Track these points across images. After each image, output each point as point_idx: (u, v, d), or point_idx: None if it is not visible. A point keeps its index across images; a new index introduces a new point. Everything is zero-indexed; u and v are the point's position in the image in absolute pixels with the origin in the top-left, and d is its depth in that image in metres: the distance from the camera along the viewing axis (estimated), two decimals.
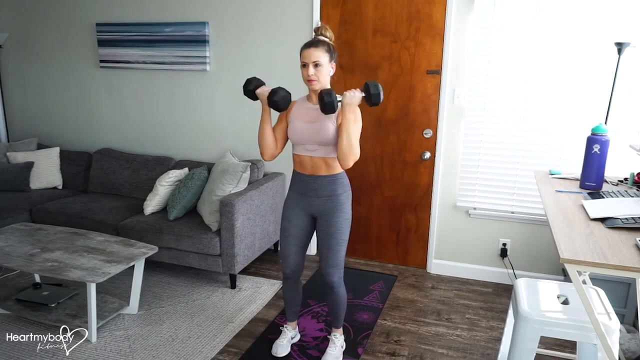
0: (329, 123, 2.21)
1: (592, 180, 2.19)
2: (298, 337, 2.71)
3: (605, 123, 2.80)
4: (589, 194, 2.09)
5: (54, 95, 4.48)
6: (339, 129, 2.17)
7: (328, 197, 2.31)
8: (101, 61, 4.17)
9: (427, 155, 3.45)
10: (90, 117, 4.39)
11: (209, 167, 3.69)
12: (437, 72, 3.33)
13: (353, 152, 2.14)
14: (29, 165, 4.10)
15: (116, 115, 4.29)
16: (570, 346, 2.63)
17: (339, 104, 2.13)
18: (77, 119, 4.44)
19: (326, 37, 2.25)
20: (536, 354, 1.86)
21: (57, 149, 4.29)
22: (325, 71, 2.20)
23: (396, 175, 3.58)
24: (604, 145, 2.15)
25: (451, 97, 3.32)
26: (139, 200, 3.85)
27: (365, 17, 3.41)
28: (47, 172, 4.17)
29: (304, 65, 2.19)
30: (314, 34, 2.28)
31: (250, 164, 3.45)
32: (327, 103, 2.08)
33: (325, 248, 2.35)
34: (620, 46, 2.72)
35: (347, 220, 2.34)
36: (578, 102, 3.04)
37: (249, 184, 3.47)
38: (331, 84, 2.31)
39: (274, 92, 2.23)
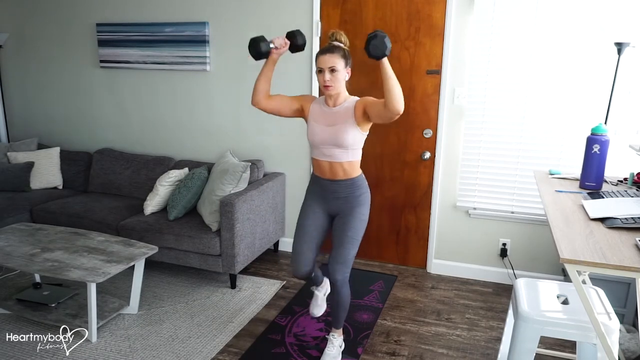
0: (346, 126, 2.25)
1: (592, 180, 2.19)
2: (328, 287, 2.68)
3: (605, 123, 2.80)
4: (588, 194, 2.09)
5: (54, 95, 4.48)
6: (382, 79, 2.07)
7: (347, 198, 2.37)
8: (101, 61, 4.17)
9: (427, 155, 3.45)
10: (90, 117, 4.39)
11: (209, 167, 3.69)
12: (437, 72, 3.33)
13: (400, 92, 2.10)
14: (29, 165, 4.10)
15: (116, 115, 4.29)
16: (570, 346, 2.63)
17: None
18: (77, 119, 4.45)
19: (341, 42, 2.27)
20: (536, 354, 1.86)
21: (57, 149, 4.29)
22: (341, 77, 2.23)
23: (396, 175, 3.58)
24: (604, 145, 2.15)
25: (451, 97, 3.32)
26: (139, 200, 3.85)
27: (365, 17, 3.41)
28: (47, 172, 4.17)
29: (320, 71, 2.22)
30: (328, 39, 2.30)
31: (250, 164, 3.45)
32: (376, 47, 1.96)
33: (336, 244, 2.38)
34: (620, 46, 2.72)
35: (363, 222, 2.39)
36: (578, 102, 3.04)
37: (249, 184, 3.47)
38: None
39: (292, 36, 2.24)
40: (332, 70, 2.20)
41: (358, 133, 2.28)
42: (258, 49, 2.23)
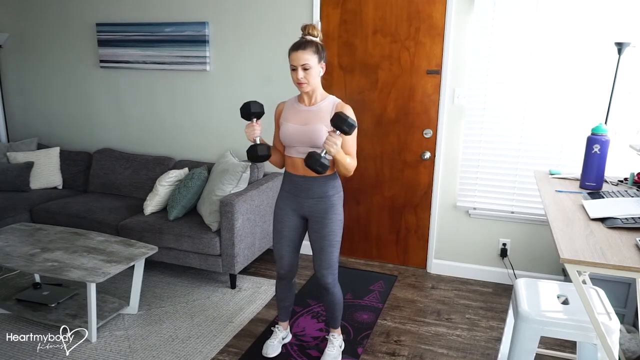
0: (322, 126, 2.19)
1: (592, 180, 2.19)
2: (289, 337, 2.71)
3: (605, 123, 2.80)
4: (589, 194, 2.09)
5: (54, 95, 4.48)
6: (334, 159, 2.15)
7: (320, 199, 2.29)
8: (101, 61, 4.17)
9: (427, 155, 3.45)
10: (90, 117, 4.39)
11: (209, 167, 3.69)
12: (437, 72, 3.33)
13: (350, 170, 2.22)
14: (29, 165, 4.10)
15: (116, 115, 4.29)
16: (570, 346, 2.63)
17: (327, 157, 2.07)
18: (77, 119, 4.45)
19: (314, 36, 2.20)
20: (536, 354, 1.86)
21: (57, 149, 4.29)
22: (314, 73, 2.16)
23: (396, 175, 3.58)
24: (604, 145, 2.15)
25: (451, 97, 3.32)
26: (139, 200, 3.85)
27: (365, 17, 3.41)
28: (47, 172, 4.17)
29: (293, 69, 2.16)
30: (301, 33, 2.22)
31: (250, 164, 3.45)
32: (317, 171, 2.05)
33: (318, 250, 2.34)
34: (620, 46, 2.72)
35: (339, 222, 2.32)
36: (578, 102, 3.04)
37: (249, 184, 3.47)
38: (331, 85, 2.30)
39: (253, 148, 2.23)
40: (305, 67, 2.13)
41: None
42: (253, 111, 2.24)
